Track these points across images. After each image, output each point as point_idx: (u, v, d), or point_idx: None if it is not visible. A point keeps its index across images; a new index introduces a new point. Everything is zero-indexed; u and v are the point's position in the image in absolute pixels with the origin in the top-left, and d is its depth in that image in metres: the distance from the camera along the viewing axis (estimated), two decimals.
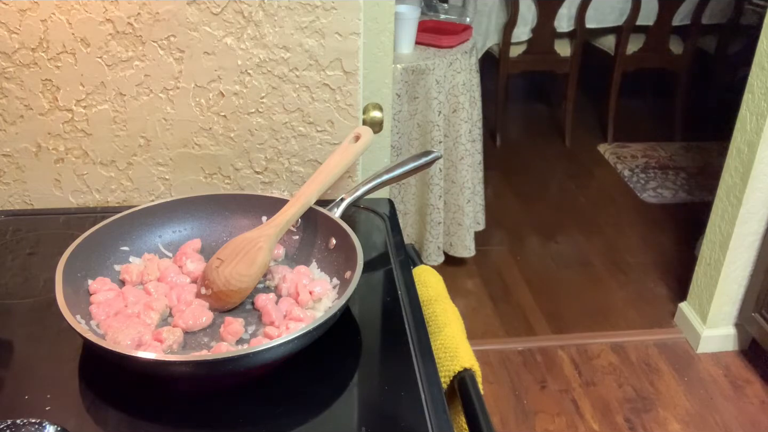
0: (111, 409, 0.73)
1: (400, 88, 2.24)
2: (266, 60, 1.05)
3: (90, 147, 1.08)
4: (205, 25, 1.01)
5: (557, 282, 2.70)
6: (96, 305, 0.81)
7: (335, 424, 0.72)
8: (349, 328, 0.85)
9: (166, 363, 0.72)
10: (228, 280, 0.84)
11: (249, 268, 0.85)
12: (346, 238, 0.88)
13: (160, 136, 1.08)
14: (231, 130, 1.09)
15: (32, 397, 0.72)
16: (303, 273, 0.89)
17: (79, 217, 1.07)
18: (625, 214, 3.20)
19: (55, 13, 0.98)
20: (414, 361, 0.79)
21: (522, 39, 3.39)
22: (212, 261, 0.87)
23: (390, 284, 0.94)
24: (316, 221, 0.94)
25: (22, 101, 1.03)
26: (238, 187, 1.14)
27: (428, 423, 0.71)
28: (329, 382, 0.77)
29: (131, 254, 0.92)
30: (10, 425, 0.64)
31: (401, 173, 1.02)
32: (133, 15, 0.99)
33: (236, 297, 0.85)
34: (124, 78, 1.03)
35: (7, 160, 1.07)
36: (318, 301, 0.85)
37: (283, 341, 0.71)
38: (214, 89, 1.06)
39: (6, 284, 0.92)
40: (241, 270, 0.85)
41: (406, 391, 0.75)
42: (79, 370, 0.77)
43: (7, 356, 0.79)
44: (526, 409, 2.08)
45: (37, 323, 0.85)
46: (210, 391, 0.75)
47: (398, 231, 1.06)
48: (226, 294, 0.85)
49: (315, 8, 1.02)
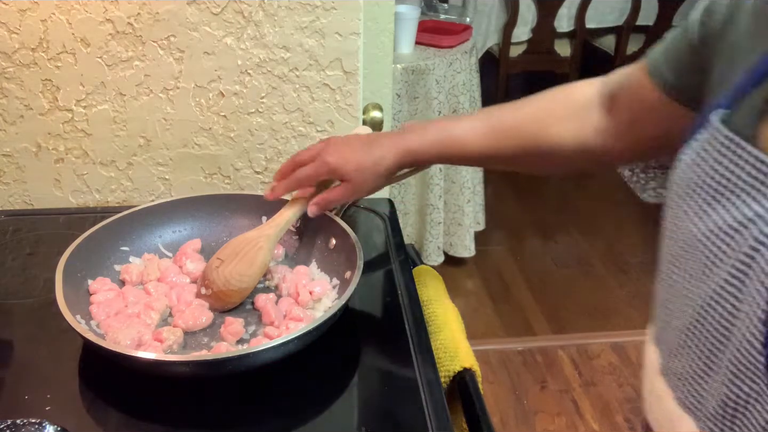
0: (111, 409, 0.73)
1: (400, 88, 2.23)
2: (266, 60, 1.04)
3: (90, 147, 1.08)
4: (205, 25, 1.01)
5: (557, 282, 2.70)
6: (96, 305, 0.81)
7: (335, 424, 0.72)
8: (349, 328, 0.85)
9: (166, 363, 0.72)
10: (228, 280, 0.84)
11: (249, 268, 0.85)
12: (346, 238, 0.88)
13: (160, 136, 1.08)
14: (231, 130, 1.09)
15: (32, 397, 0.72)
16: (303, 273, 0.89)
17: (79, 217, 1.07)
18: (625, 214, 3.20)
19: (55, 13, 0.98)
20: (414, 361, 0.79)
21: (522, 39, 3.39)
22: (212, 261, 0.87)
23: (390, 284, 0.94)
24: (316, 221, 0.94)
25: (22, 101, 1.03)
26: (238, 187, 1.14)
27: (428, 423, 0.71)
28: (329, 382, 0.77)
29: (131, 254, 0.92)
30: (10, 425, 0.64)
31: (401, 173, 1.02)
32: (133, 15, 0.99)
33: (236, 297, 0.85)
34: (124, 78, 1.03)
35: (7, 160, 1.07)
36: (318, 301, 0.85)
37: (283, 341, 0.71)
38: (214, 89, 1.06)
39: (6, 284, 0.92)
40: (241, 270, 0.85)
41: (406, 391, 0.75)
42: (79, 370, 0.77)
43: (7, 356, 0.79)
44: (526, 409, 2.08)
45: (37, 323, 0.85)
46: (210, 391, 0.75)
47: (398, 231, 1.06)
48: (226, 294, 0.85)
49: (315, 8, 1.02)
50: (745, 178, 0.55)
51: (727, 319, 0.55)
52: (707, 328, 0.58)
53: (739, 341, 0.53)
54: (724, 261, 0.56)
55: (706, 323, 0.58)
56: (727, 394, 0.55)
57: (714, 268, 0.57)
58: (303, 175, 0.86)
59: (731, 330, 0.55)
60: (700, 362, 0.59)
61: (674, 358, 0.63)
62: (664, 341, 0.66)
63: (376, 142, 0.87)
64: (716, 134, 0.59)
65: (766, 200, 0.53)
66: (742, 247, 0.54)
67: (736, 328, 0.54)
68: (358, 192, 0.87)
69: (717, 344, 0.57)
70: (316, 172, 0.86)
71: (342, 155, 0.85)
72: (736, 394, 0.54)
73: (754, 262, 0.52)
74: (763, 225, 0.52)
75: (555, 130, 0.82)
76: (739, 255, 0.54)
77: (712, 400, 0.57)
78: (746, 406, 0.53)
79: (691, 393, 0.60)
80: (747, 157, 0.55)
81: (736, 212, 0.55)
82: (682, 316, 0.62)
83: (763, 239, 0.52)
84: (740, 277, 0.54)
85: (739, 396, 0.54)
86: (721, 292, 0.56)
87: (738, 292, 0.54)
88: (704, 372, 0.58)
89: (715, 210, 0.57)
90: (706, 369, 0.58)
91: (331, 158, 0.85)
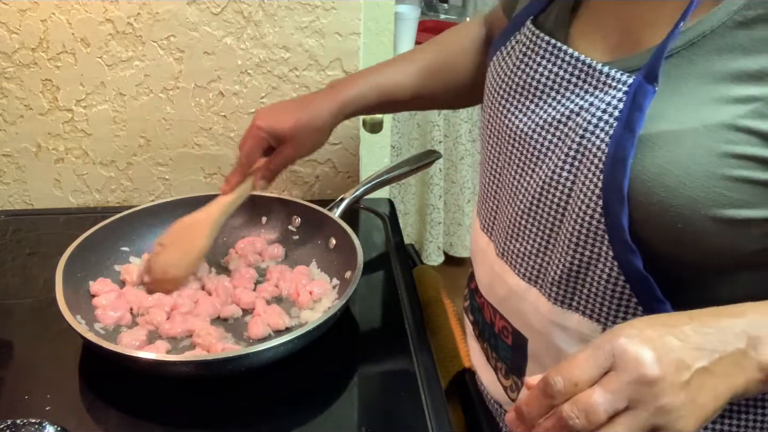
0: (111, 409, 0.73)
1: None
2: (266, 60, 1.04)
3: (90, 147, 1.08)
4: (205, 25, 1.01)
5: None
6: (101, 309, 0.81)
7: (335, 424, 0.72)
8: (349, 328, 0.85)
9: (166, 363, 0.72)
10: (165, 269, 0.85)
11: (186, 257, 0.85)
12: (346, 238, 0.88)
13: (160, 136, 1.08)
14: (231, 130, 1.09)
15: (32, 397, 0.72)
16: (303, 273, 0.89)
17: (79, 217, 1.07)
18: None
19: (55, 13, 0.98)
20: (414, 361, 0.79)
21: None
22: (155, 246, 0.87)
23: (390, 284, 0.94)
24: (316, 221, 0.94)
25: (22, 101, 1.03)
26: None
27: (428, 423, 0.71)
28: (329, 382, 0.77)
29: (131, 254, 0.92)
30: (10, 425, 0.64)
31: (401, 173, 1.02)
32: (133, 15, 0.99)
33: (172, 285, 0.86)
34: (124, 78, 1.03)
35: (7, 160, 1.07)
36: (318, 301, 0.85)
37: (283, 341, 0.71)
38: (214, 89, 1.06)
39: (6, 284, 0.92)
40: (178, 257, 0.85)
41: (406, 391, 0.75)
42: (79, 370, 0.77)
43: (7, 356, 0.79)
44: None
45: (37, 323, 0.84)
46: (210, 391, 0.75)
47: (398, 231, 1.06)
48: (162, 282, 0.85)
49: (315, 8, 1.02)
50: (564, 77, 0.62)
51: (562, 199, 0.62)
52: (544, 210, 0.65)
53: (577, 215, 0.60)
54: (554, 150, 0.63)
55: (541, 206, 0.65)
56: (570, 261, 0.62)
57: (544, 158, 0.64)
58: (245, 151, 0.85)
59: (566, 208, 0.62)
60: (539, 239, 0.66)
61: (512, 241, 0.70)
62: (498, 228, 0.73)
63: (310, 99, 0.88)
64: (534, 38, 0.66)
65: (586, 94, 0.60)
66: (570, 136, 0.61)
67: (571, 207, 0.61)
68: (299, 150, 0.86)
69: (555, 222, 0.64)
70: (252, 141, 0.85)
71: (273, 117, 0.85)
72: (579, 260, 0.61)
73: (583, 147, 0.59)
74: (586, 114, 0.59)
75: (463, 66, 0.91)
76: (568, 143, 0.61)
77: (553, 270, 0.65)
78: (588, 268, 0.61)
79: (533, 267, 0.68)
80: (566, 58, 0.62)
81: (561, 107, 0.62)
82: (514, 203, 0.69)
83: (587, 126, 0.59)
84: (571, 161, 0.60)
85: (581, 261, 0.61)
86: (553, 176, 0.62)
87: (571, 175, 0.61)
88: (544, 247, 0.66)
89: (541, 107, 0.65)
90: (545, 244, 0.66)
91: (261, 122, 0.84)
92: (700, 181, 0.53)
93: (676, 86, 0.55)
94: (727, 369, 0.47)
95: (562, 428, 0.45)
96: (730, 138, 0.52)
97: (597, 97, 0.59)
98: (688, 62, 0.55)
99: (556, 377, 0.46)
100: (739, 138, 0.52)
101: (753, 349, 0.48)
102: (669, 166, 0.54)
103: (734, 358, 0.47)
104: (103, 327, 0.80)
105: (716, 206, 0.53)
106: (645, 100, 0.55)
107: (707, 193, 0.53)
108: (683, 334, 0.47)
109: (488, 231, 0.75)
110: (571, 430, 0.45)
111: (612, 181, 0.56)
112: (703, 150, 0.53)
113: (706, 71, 0.54)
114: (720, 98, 0.53)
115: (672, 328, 0.47)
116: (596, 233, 0.59)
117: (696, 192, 0.53)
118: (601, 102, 0.58)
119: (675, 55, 0.55)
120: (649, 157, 0.55)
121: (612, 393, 0.44)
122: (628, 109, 0.56)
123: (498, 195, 0.73)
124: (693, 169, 0.53)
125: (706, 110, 0.53)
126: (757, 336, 0.48)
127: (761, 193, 0.53)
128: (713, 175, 0.53)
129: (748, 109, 0.52)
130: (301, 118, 0.84)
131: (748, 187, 0.52)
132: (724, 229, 0.54)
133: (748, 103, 0.52)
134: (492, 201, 0.74)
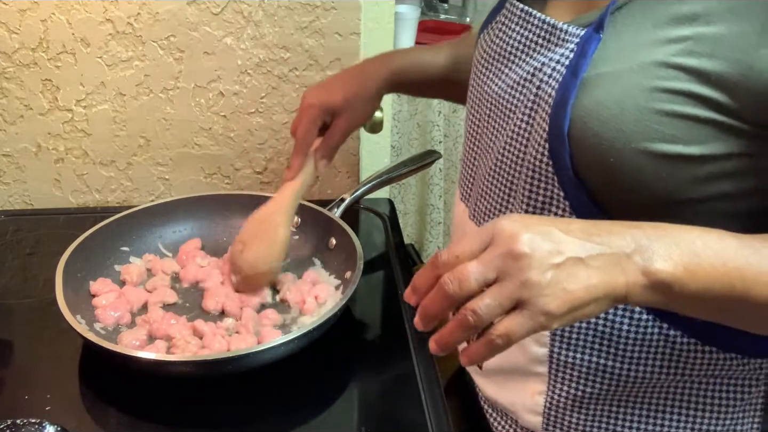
0: (111, 409, 0.73)
1: None
2: (266, 60, 1.04)
3: (90, 147, 1.08)
4: (205, 25, 1.01)
5: None
6: (101, 309, 0.81)
7: (335, 424, 0.72)
8: (349, 328, 0.85)
9: (166, 363, 0.72)
10: (254, 264, 0.84)
11: (271, 248, 0.85)
12: (346, 238, 0.88)
13: (160, 136, 1.08)
14: (231, 130, 1.09)
15: (32, 397, 0.72)
16: (307, 279, 0.89)
17: (79, 217, 1.07)
18: None
19: (55, 13, 0.98)
20: (414, 361, 0.79)
21: None
22: (235, 246, 0.86)
23: (390, 284, 0.94)
24: (316, 221, 0.94)
25: (22, 101, 1.03)
26: (238, 187, 1.14)
27: (428, 423, 0.71)
28: (329, 382, 0.77)
29: (131, 254, 0.92)
30: (10, 425, 0.64)
31: (401, 173, 1.02)
32: (133, 15, 0.99)
33: (265, 279, 0.85)
34: (124, 78, 1.03)
35: (7, 160, 1.07)
36: (323, 305, 0.85)
37: (283, 341, 0.71)
38: (214, 89, 1.06)
39: (6, 284, 0.92)
40: (264, 250, 0.84)
41: (406, 391, 0.75)
42: (79, 370, 0.77)
43: (7, 356, 0.79)
44: None
45: (37, 323, 0.85)
46: (210, 391, 0.75)
47: (398, 231, 1.06)
48: (254, 278, 0.85)
49: (315, 8, 1.02)
50: (532, 38, 0.65)
51: (520, 150, 0.65)
52: (505, 165, 0.67)
53: (531, 163, 0.63)
54: (518, 107, 0.65)
55: (505, 161, 0.67)
56: (525, 209, 0.65)
57: (511, 115, 0.66)
58: (300, 134, 0.85)
59: (523, 158, 0.64)
60: (501, 193, 0.69)
61: (480, 201, 0.72)
62: (472, 194, 0.75)
63: (357, 69, 0.90)
64: (513, 9, 0.69)
65: (548, 52, 0.63)
66: (531, 91, 0.63)
67: (527, 157, 0.64)
68: (354, 121, 0.88)
69: (513, 174, 0.66)
70: (307, 120, 0.85)
71: (322, 92, 0.86)
72: (533, 206, 0.64)
73: (539, 99, 0.62)
74: (546, 69, 0.62)
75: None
76: (530, 98, 0.63)
77: None
78: (542, 212, 0.64)
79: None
80: (536, 22, 0.65)
81: (527, 66, 0.65)
82: (485, 165, 0.71)
83: (543, 78, 0.62)
84: (528, 114, 0.63)
85: (536, 206, 0.64)
86: (513, 133, 0.65)
87: (529, 126, 0.64)
88: (506, 201, 0.68)
89: (511, 69, 0.67)
90: (506, 198, 0.68)
91: (313, 99, 0.85)
92: (632, 115, 0.56)
93: (621, 33, 0.58)
94: (605, 265, 0.49)
95: (441, 294, 0.49)
96: (661, 74, 0.55)
97: (555, 52, 0.62)
98: (634, 12, 0.58)
99: (443, 252, 0.50)
100: (669, 74, 0.55)
101: (639, 255, 0.49)
102: (605, 102, 0.57)
103: (616, 258, 0.49)
104: (103, 327, 0.80)
105: (647, 140, 0.56)
106: (591, 47, 0.58)
107: (638, 126, 0.56)
108: (568, 229, 0.49)
109: (466, 199, 0.77)
110: (447, 295, 0.48)
111: (555, 123, 0.59)
112: (636, 86, 0.56)
113: (646, 18, 0.57)
114: (656, 40, 0.56)
115: (560, 223, 0.50)
116: (547, 177, 0.62)
117: (628, 126, 0.56)
118: (556, 55, 0.62)
119: (624, 6, 0.58)
120: (587, 96, 0.58)
121: (483, 264, 0.48)
122: (576, 57, 0.59)
123: (476, 161, 0.75)
124: (626, 104, 0.56)
125: (643, 52, 0.56)
126: (648, 246, 0.49)
127: (689, 128, 0.55)
128: (644, 108, 0.56)
129: (679, 48, 0.55)
130: (352, 88, 0.86)
131: (677, 122, 0.55)
132: (657, 165, 0.56)
133: (680, 42, 0.55)
134: (470, 168, 0.76)
